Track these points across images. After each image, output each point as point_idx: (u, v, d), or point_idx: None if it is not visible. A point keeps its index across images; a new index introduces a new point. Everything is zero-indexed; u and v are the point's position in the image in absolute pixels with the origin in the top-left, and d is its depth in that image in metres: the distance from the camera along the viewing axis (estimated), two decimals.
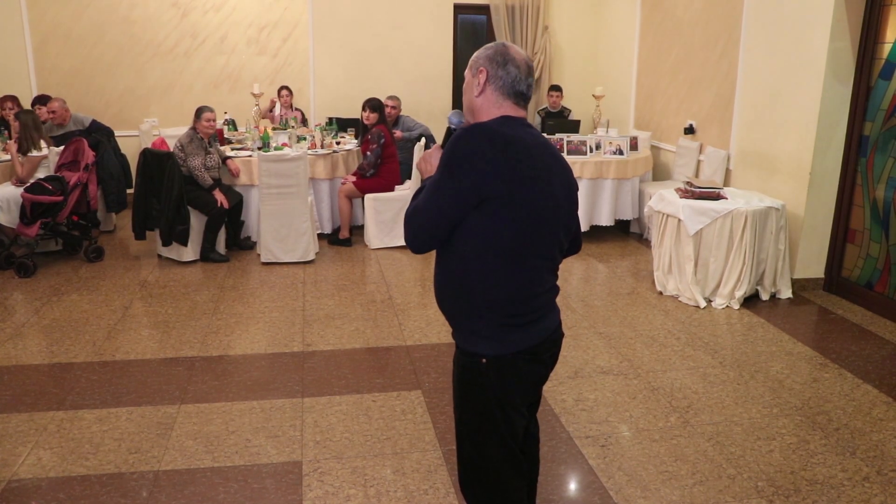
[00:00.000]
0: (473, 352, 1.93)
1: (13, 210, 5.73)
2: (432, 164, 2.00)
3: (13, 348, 4.28)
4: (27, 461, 3.10)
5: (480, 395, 1.95)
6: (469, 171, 1.78)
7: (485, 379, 1.93)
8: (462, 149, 1.79)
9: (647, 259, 6.15)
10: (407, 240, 1.92)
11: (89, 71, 8.13)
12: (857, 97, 5.08)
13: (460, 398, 2.03)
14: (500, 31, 8.87)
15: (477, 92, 1.94)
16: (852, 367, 4.12)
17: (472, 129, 1.82)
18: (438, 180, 1.83)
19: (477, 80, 1.94)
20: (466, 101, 1.98)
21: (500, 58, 1.92)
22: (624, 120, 8.49)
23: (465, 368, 1.97)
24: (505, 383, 1.94)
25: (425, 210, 1.85)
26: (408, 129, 7.37)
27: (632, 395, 3.75)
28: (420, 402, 3.67)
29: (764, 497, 2.89)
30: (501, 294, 1.88)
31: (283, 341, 4.43)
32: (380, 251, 6.46)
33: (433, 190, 1.84)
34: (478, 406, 1.97)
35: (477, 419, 1.98)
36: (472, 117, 1.98)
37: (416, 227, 1.88)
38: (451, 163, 1.80)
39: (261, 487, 2.94)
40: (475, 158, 1.78)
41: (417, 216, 1.87)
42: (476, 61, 1.96)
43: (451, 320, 2.02)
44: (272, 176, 5.82)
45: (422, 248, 1.91)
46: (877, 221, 5.01)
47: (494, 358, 1.91)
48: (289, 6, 8.46)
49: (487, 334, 1.91)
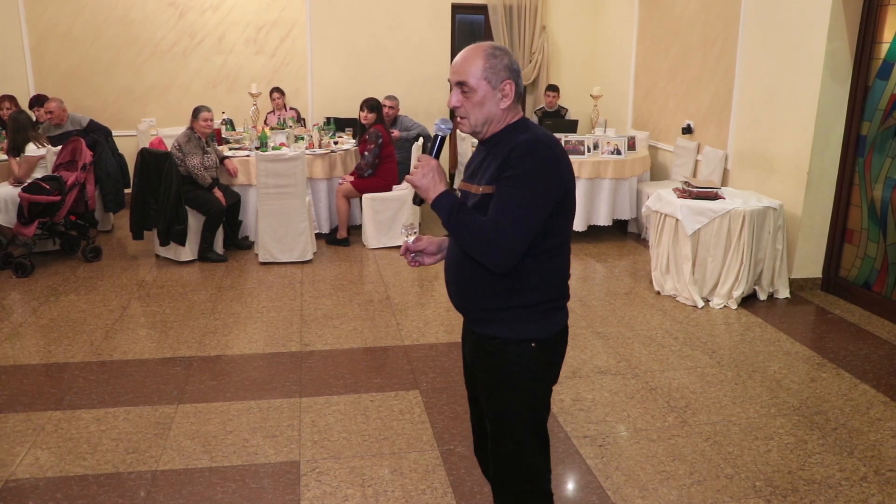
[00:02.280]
0: (521, 338, 1.96)
1: (10, 210, 5.72)
2: (436, 179, 1.96)
3: (11, 348, 4.27)
4: (25, 461, 3.09)
5: (532, 381, 1.99)
6: (555, 180, 1.86)
7: (536, 363, 1.97)
8: (546, 157, 1.85)
9: (645, 259, 6.15)
10: (500, 261, 1.86)
11: (87, 71, 8.12)
12: (854, 97, 5.09)
13: (508, 392, 2.00)
14: (497, 31, 8.87)
15: (504, 105, 1.95)
16: (850, 367, 4.12)
17: (541, 139, 1.88)
18: (531, 194, 1.83)
19: (502, 93, 1.94)
20: (486, 112, 1.96)
21: (516, 66, 1.97)
22: (622, 120, 8.50)
23: (511, 359, 1.97)
24: (552, 364, 2.03)
25: (525, 226, 1.84)
26: (406, 128, 7.37)
27: (629, 395, 3.75)
28: (418, 401, 3.67)
29: (761, 497, 2.89)
30: (554, 281, 1.98)
31: (280, 341, 4.42)
32: (377, 251, 6.46)
33: (527, 203, 1.82)
34: (527, 394, 2.00)
35: (526, 409, 2.01)
36: (488, 126, 1.98)
37: (517, 245, 1.84)
38: (540, 173, 1.84)
39: (259, 487, 2.94)
40: (555, 166, 1.87)
41: (514, 233, 1.83)
42: (495, 73, 1.93)
43: (484, 314, 1.99)
44: (270, 176, 5.82)
45: (514, 264, 1.89)
46: (874, 221, 5.02)
47: (543, 340, 1.97)
48: (287, 6, 8.46)
49: (536, 318, 1.96)
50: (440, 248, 2.18)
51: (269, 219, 5.90)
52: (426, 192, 1.97)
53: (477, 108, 1.96)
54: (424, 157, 1.99)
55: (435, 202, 1.94)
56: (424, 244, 2.17)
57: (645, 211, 5.66)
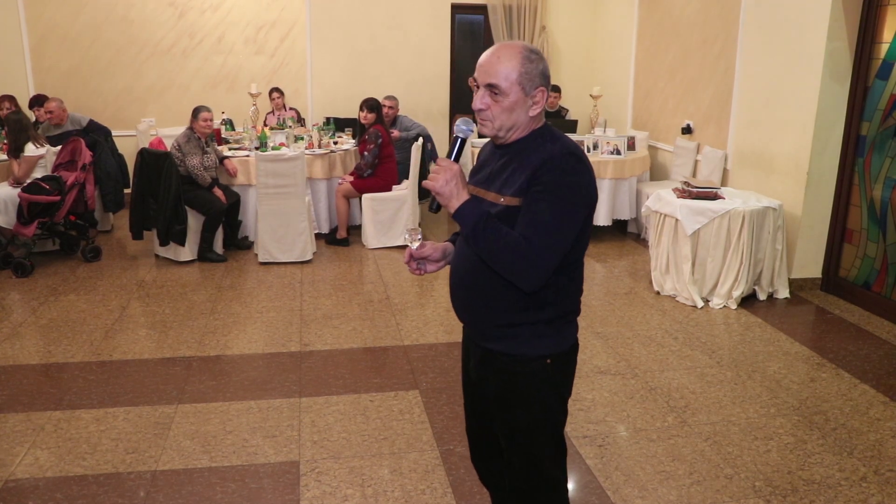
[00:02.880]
0: (536, 355, 1.88)
1: (10, 210, 5.72)
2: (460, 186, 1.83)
3: (10, 348, 4.27)
4: (24, 461, 3.09)
5: (546, 398, 1.92)
6: (588, 195, 1.81)
7: (551, 380, 1.91)
8: (578, 174, 1.79)
9: (645, 259, 6.15)
10: (530, 279, 1.78)
11: (86, 71, 8.12)
12: (854, 97, 5.09)
13: (524, 408, 1.92)
14: (497, 31, 8.87)
15: (534, 112, 1.85)
16: (850, 367, 4.12)
17: (572, 152, 1.80)
18: (566, 209, 1.76)
19: (533, 100, 1.84)
20: (514, 118, 1.84)
21: (549, 72, 1.88)
22: (621, 120, 8.50)
23: (525, 376, 1.90)
24: (566, 379, 1.97)
25: (561, 243, 1.77)
26: (405, 128, 7.37)
27: (629, 395, 3.75)
28: (417, 401, 3.67)
29: (761, 497, 2.89)
30: (570, 294, 1.92)
31: (280, 341, 4.42)
32: (377, 251, 6.46)
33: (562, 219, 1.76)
34: (543, 409, 1.93)
35: (543, 423, 1.94)
36: (509, 132, 1.87)
37: (551, 263, 1.77)
38: (575, 187, 1.78)
39: (258, 487, 2.94)
40: (588, 180, 1.81)
41: (549, 251, 1.76)
42: (530, 79, 1.82)
43: (497, 330, 1.90)
44: (269, 176, 5.82)
45: (543, 283, 1.80)
46: (874, 221, 5.02)
47: (557, 356, 1.91)
48: (286, 6, 8.46)
49: (551, 333, 1.90)
50: (444, 253, 2.08)
51: (269, 219, 5.90)
52: (448, 201, 1.83)
53: (505, 113, 1.83)
54: (445, 161, 1.85)
55: (458, 212, 1.81)
56: (429, 250, 2.07)
57: (644, 211, 5.66)
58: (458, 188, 1.82)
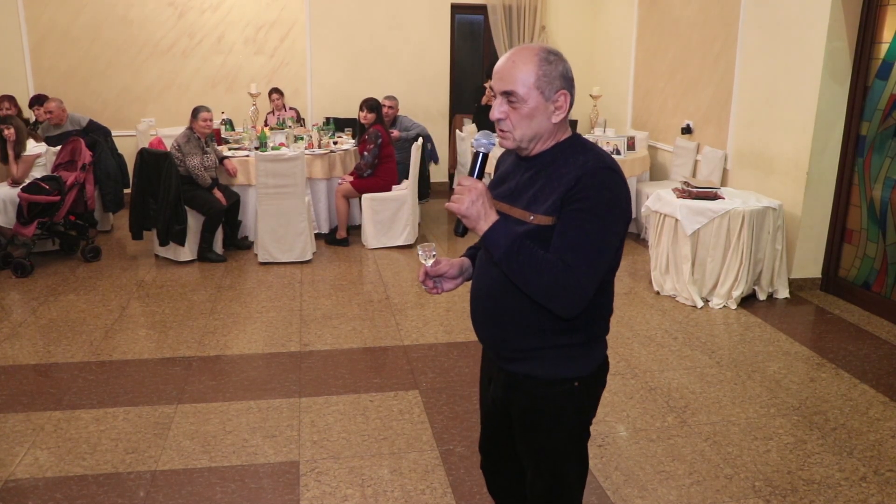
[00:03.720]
0: (563, 377, 1.79)
1: (10, 210, 5.72)
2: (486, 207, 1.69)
3: (10, 348, 4.27)
4: (24, 461, 3.09)
5: (573, 421, 1.84)
6: (626, 211, 1.70)
7: (577, 402, 1.82)
8: (617, 191, 1.67)
9: (645, 259, 6.15)
10: (570, 306, 1.66)
11: (86, 71, 8.11)
12: (854, 97, 5.09)
13: (549, 431, 1.84)
14: (497, 31, 8.87)
15: (557, 119, 1.73)
16: (849, 367, 4.12)
17: (609, 167, 1.68)
18: (606, 230, 1.64)
19: (555, 105, 1.72)
20: (536, 126, 1.72)
21: (571, 74, 1.75)
22: (621, 120, 8.50)
23: (552, 399, 1.81)
24: (593, 401, 1.88)
25: (600, 267, 1.66)
26: (405, 128, 7.37)
27: (629, 395, 3.75)
28: (417, 402, 3.66)
29: (761, 497, 2.89)
30: (601, 315, 1.82)
31: (280, 341, 4.42)
32: (377, 251, 6.46)
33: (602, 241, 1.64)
34: (568, 433, 1.85)
35: (566, 447, 1.86)
36: (532, 143, 1.75)
37: (591, 289, 1.65)
38: (610, 206, 1.65)
39: (258, 487, 2.94)
40: (625, 193, 1.69)
41: (589, 276, 1.63)
42: (549, 82, 1.70)
43: (522, 353, 1.81)
44: (269, 176, 5.82)
45: (583, 307, 1.68)
46: (874, 221, 5.02)
47: (584, 378, 1.81)
48: (286, 6, 8.45)
49: (580, 356, 1.80)
50: (461, 269, 1.98)
51: (269, 219, 5.90)
52: (476, 223, 1.69)
53: (525, 122, 1.70)
54: (468, 179, 1.70)
55: (488, 235, 1.68)
56: (444, 267, 1.95)
57: (644, 211, 5.66)
58: (485, 208, 1.68)
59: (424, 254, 1.95)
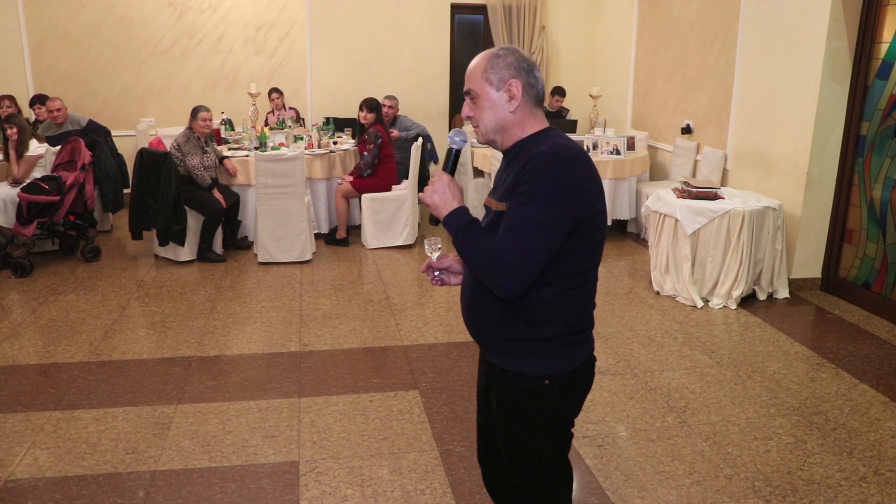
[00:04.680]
0: (534, 375, 1.82)
1: (10, 210, 5.72)
2: (447, 195, 1.81)
3: (10, 348, 4.27)
4: (24, 461, 3.09)
5: (544, 419, 1.86)
6: (573, 198, 1.69)
7: (548, 401, 1.84)
8: (561, 175, 1.68)
9: (645, 259, 6.15)
10: (505, 288, 1.70)
11: (86, 71, 8.11)
12: (854, 97, 5.09)
13: (518, 427, 1.88)
14: (497, 31, 8.87)
15: (512, 107, 1.79)
16: (849, 367, 4.12)
17: (559, 151, 1.70)
18: (539, 215, 1.66)
19: (508, 95, 1.79)
20: (494, 118, 1.81)
21: (525, 64, 1.80)
22: (621, 120, 8.50)
23: (523, 394, 1.84)
24: (566, 402, 1.88)
25: (531, 251, 1.66)
26: (405, 128, 7.37)
27: (629, 395, 3.75)
28: (417, 402, 3.66)
29: (761, 497, 2.89)
30: (574, 313, 1.82)
31: (279, 341, 4.42)
32: (377, 251, 6.46)
33: (533, 225, 1.66)
34: (540, 431, 1.88)
35: (539, 445, 1.89)
36: (503, 135, 1.83)
37: (521, 273, 1.67)
38: (552, 192, 1.67)
39: (258, 487, 2.94)
40: (575, 182, 1.70)
41: (519, 259, 1.66)
42: (496, 73, 1.79)
43: (498, 344, 1.86)
44: (269, 176, 5.82)
45: (522, 291, 1.71)
46: (874, 221, 5.02)
47: (556, 378, 1.82)
48: (286, 6, 8.45)
49: (551, 354, 1.81)
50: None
51: (269, 219, 5.90)
52: (438, 210, 1.82)
53: (486, 115, 1.81)
54: (438, 172, 1.86)
55: (445, 220, 1.80)
56: (450, 261, 2.01)
57: (644, 211, 5.66)
58: (445, 198, 1.81)
59: (430, 247, 2.04)
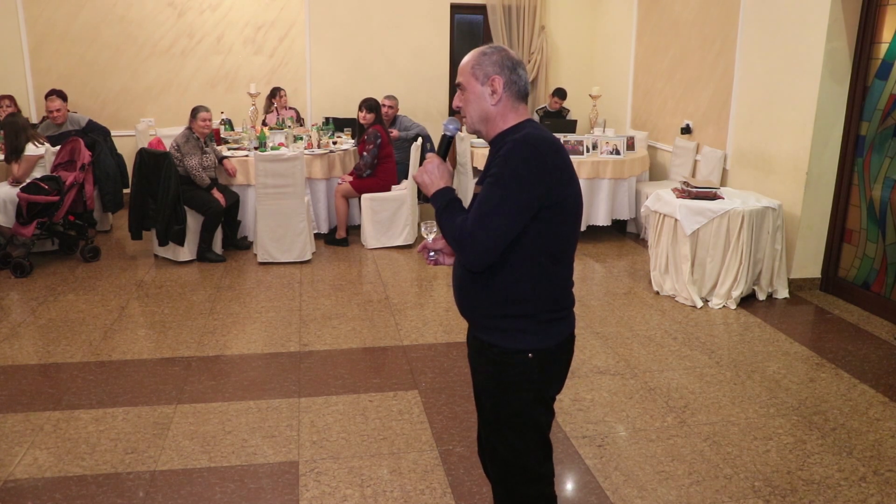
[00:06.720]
0: (517, 349, 1.94)
1: (9, 210, 5.71)
2: (435, 176, 1.99)
3: (9, 348, 4.27)
4: (23, 461, 3.09)
5: (525, 392, 1.97)
6: (537, 181, 1.82)
7: (530, 374, 1.96)
8: (528, 159, 1.82)
9: (644, 259, 6.15)
10: (470, 259, 1.87)
11: (85, 71, 8.11)
12: (853, 97, 5.09)
13: (499, 399, 2.00)
14: (496, 30, 8.87)
15: (494, 101, 1.95)
16: (849, 367, 4.12)
17: (529, 139, 1.84)
18: (504, 194, 1.80)
19: (491, 89, 1.94)
20: (479, 110, 1.97)
21: (509, 62, 1.95)
22: (621, 120, 8.50)
23: (506, 367, 1.96)
24: (548, 376, 2.00)
25: (494, 226, 1.81)
26: (405, 128, 7.37)
27: (629, 395, 3.75)
28: (417, 402, 3.66)
29: (760, 497, 2.89)
30: (550, 292, 1.95)
31: (279, 341, 4.42)
32: (376, 251, 6.46)
33: (498, 203, 1.80)
34: (520, 403, 1.98)
35: (518, 417, 2.00)
36: (486, 125, 1.99)
37: (484, 245, 1.82)
38: (518, 175, 1.81)
39: (257, 487, 2.94)
40: (541, 168, 1.83)
41: (482, 233, 1.82)
42: (481, 69, 1.95)
43: (485, 321, 1.99)
44: (269, 176, 5.82)
45: (487, 263, 1.88)
46: (873, 221, 5.02)
47: (539, 352, 1.95)
48: (285, 6, 8.46)
49: (533, 329, 1.94)
50: None
51: (268, 219, 5.89)
52: (427, 188, 1.99)
53: (471, 106, 1.98)
54: (430, 154, 2.02)
55: (432, 198, 1.96)
56: (444, 243, 2.14)
57: (644, 211, 5.66)
58: (433, 177, 1.98)
59: (426, 228, 2.17)
